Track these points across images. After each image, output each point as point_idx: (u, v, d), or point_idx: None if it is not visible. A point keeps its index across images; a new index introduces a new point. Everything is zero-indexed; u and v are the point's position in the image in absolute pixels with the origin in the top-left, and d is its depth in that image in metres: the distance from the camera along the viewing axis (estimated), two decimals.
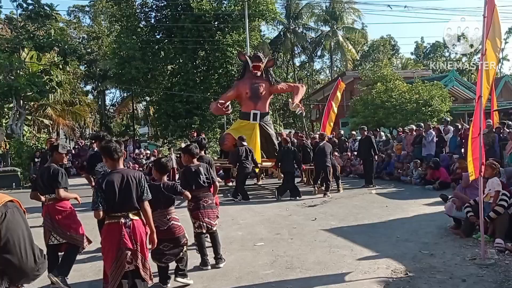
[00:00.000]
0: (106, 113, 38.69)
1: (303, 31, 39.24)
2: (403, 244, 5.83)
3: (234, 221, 7.78)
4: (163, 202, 4.41)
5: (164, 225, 4.37)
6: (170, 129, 22.71)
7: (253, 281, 4.62)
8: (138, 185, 3.62)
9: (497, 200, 5.69)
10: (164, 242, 4.32)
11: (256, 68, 12.35)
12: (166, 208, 4.45)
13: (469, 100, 23.04)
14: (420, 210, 8.23)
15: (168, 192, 4.43)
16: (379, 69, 21.89)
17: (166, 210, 4.44)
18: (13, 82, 13.46)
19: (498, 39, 4.91)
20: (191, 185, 5.01)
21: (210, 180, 5.20)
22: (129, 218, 3.59)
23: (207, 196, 5.16)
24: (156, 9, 24.69)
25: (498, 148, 10.41)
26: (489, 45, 4.81)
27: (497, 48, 4.91)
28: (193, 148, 5.27)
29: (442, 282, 4.33)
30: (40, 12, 14.01)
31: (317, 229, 6.89)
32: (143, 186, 3.67)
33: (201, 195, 5.10)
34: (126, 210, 3.59)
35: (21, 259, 1.57)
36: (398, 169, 13.06)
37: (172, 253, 4.43)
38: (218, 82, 23.45)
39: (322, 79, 46.33)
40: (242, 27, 22.40)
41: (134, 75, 22.32)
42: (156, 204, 4.28)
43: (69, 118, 25.95)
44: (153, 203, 4.19)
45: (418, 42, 49.82)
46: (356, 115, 20.56)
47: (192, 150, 5.24)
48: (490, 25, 4.73)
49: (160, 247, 4.27)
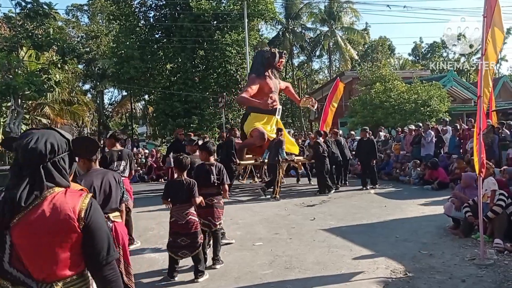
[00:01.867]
0: (105, 112, 38.61)
1: (302, 31, 39.29)
2: (402, 244, 5.82)
3: (233, 220, 7.76)
4: (182, 197, 4.58)
5: (182, 219, 4.54)
6: (169, 128, 22.68)
7: (252, 281, 4.61)
8: (118, 186, 3.56)
9: (494, 199, 5.69)
10: (181, 236, 4.52)
11: (281, 64, 12.94)
12: (185, 203, 4.59)
13: (468, 100, 23.10)
14: (419, 210, 8.23)
15: (187, 190, 4.59)
16: (378, 69, 21.92)
17: (184, 205, 4.59)
18: (11, 81, 13.38)
19: (499, 29, 4.82)
20: (200, 182, 5.01)
21: (220, 181, 5.21)
22: (110, 220, 3.45)
23: (214, 195, 5.18)
24: (155, 8, 24.67)
25: (498, 149, 10.41)
26: (490, 44, 4.77)
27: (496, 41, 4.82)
28: (210, 146, 5.36)
29: (442, 283, 4.32)
30: (38, 10, 13.92)
31: (316, 229, 6.87)
32: (123, 187, 3.66)
33: (208, 193, 5.11)
34: (107, 212, 3.40)
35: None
36: (396, 169, 13.06)
37: (189, 248, 4.54)
38: (217, 82, 23.43)
39: (320, 79, 46.33)
40: (241, 27, 22.40)
41: (133, 75, 22.29)
42: (176, 199, 4.60)
43: (67, 117, 25.85)
44: (172, 198, 4.64)
45: (417, 43, 49.91)
46: (354, 115, 20.57)
47: (209, 147, 5.33)
48: (491, 21, 4.67)
49: (178, 241, 4.51)
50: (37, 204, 1.57)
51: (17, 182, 1.57)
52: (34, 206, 1.56)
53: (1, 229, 1.53)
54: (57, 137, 1.70)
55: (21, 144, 1.61)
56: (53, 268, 1.57)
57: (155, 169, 16.91)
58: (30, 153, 1.58)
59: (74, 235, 1.60)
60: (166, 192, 4.74)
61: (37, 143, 1.60)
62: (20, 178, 1.58)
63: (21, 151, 1.60)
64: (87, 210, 1.64)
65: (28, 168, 1.59)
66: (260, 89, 12.38)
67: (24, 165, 1.59)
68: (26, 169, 1.59)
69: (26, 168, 1.59)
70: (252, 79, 12.41)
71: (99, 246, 1.66)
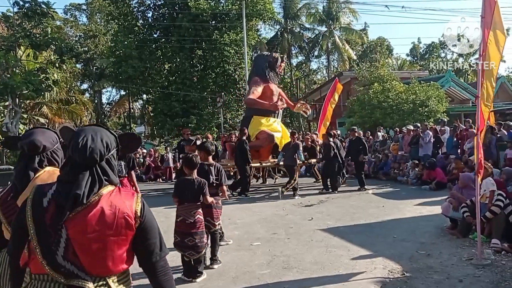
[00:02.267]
0: (103, 112, 38.54)
1: (300, 31, 39.29)
2: (400, 244, 5.83)
3: (231, 220, 7.75)
4: (192, 196, 4.58)
5: (191, 218, 4.55)
6: (167, 128, 22.68)
7: (249, 281, 4.60)
8: None
9: (492, 200, 5.70)
10: (189, 236, 4.51)
11: (281, 68, 13.54)
12: (194, 202, 4.60)
13: (466, 100, 23.11)
14: (416, 210, 8.24)
15: (197, 190, 4.59)
16: (376, 70, 21.93)
17: (193, 204, 4.60)
18: (9, 80, 13.37)
19: (500, 31, 4.81)
20: None
21: (219, 181, 5.23)
22: None
23: (212, 195, 5.15)
24: (154, 7, 24.66)
25: (495, 149, 10.43)
26: (492, 44, 4.74)
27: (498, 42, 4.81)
28: (208, 145, 5.38)
29: (439, 283, 4.33)
30: (36, 10, 13.92)
31: (313, 229, 6.88)
32: None
33: None
34: None
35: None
36: (394, 169, 13.07)
37: (195, 249, 4.54)
38: (215, 82, 23.43)
39: (318, 79, 46.33)
40: (239, 27, 22.40)
41: (131, 74, 22.29)
42: (184, 198, 4.59)
43: (65, 116, 25.78)
44: (181, 197, 4.62)
45: (415, 43, 49.92)
46: (353, 115, 20.58)
47: (208, 147, 5.35)
48: (491, 22, 4.66)
49: (185, 241, 4.50)
50: (95, 201, 1.60)
51: (75, 178, 1.59)
52: (91, 202, 1.59)
53: (58, 223, 1.55)
54: (108, 134, 1.74)
55: (77, 143, 1.62)
56: (108, 263, 1.61)
57: (153, 169, 16.91)
58: (91, 153, 1.61)
59: (131, 233, 1.66)
60: (177, 190, 4.72)
61: (95, 143, 1.63)
62: (78, 174, 1.60)
63: (79, 151, 1.61)
64: (142, 209, 1.70)
65: (86, 166, 1.62)
66: (263, 92, 12.64)
67: (82, 164, 1.61)
68: (84, 167, 1.61)
69: (84, 166, 1.61)
70: (257, 82, 12.63)
71: (153, 243, 1.73)
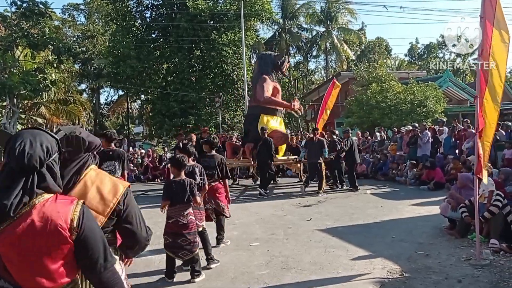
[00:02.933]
0: (101, 112, 38.47)
1: (298, 31, 39.30)
2: (399, 245, 5.83)
3: (229, 220, 7.69)
4: (183, 198, 4.58)
5: (184, 219, 4.56)
6: (165, 128, 22.64)
7: (248, 281, 4.60)
8: None
9: (491, 200, 5.71)
10: (182, 236, 4.52)
11: (286, 69, 14.10)
12: (186, 203, 4.61)
13: (464, 101, 23.16)
14: (415, 210, 8.24)
15: (189, 191, 4.61)
16: (374, 70, 21.96)
17: (184, 205, 4.61)
18: (6, 80, 13.31)
19: (505, 31, 4.77)
20: None
21: (203, 182, 5.23)
22: None
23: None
24: (152, 8, 24.61)
25: (493, 149, 10.44)
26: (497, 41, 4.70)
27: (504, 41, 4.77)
28: (189, 148, 5.38)
29: (438, 283, 4.33)
30: (34, 10, 13.85)
31: (312, 229, 6.88)
32: None
33: None
34: None
35: (137, 229, 1.89)
36: (393, 170, 13.08)
37: (189, 248, 4.56)
38: (214, 82, 23.40)
39: (316, 79, 46.35)
40: (237, 27, 22.38)
41: (129, 74, 22.24)
42: (176, 200, 4.58)
43: (63, 117, 25.71)
44: (172, 199, 4.60)
45: (413, 43, 50.00)
46: (351, 116, 20.58)
47: (189, 149, 5.33)
48: (494, 22, 4.64)
49: (178, 241, 4.52)
50: (26, 212, 1.46)
51: (7, 186, 1.46)
52: (22, 214, 1.45)
53: None
54: (48, 137, 1.60)
55: (14, 149, 1.48)
56: (42, 280, 1.47)
57: (151, 169, 16.87)
58: (30, 160, 1.47)
59: (66, 246, 1.51)
60: (167, 192, 4.64)
61: (33, 148, 1.49)
62: (11, 182, 1.46)
63: (16, 158, 1.47)
64: (79, 219, 1.53)
65: (23, 173, 1.48)
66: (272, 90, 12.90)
67: (19, 171, 1.47)
68: (20, 174, 1.47)
69: (20, 173, 1.47)
70: (266, 80, 12.78)
71: (95, 255, 1.58)
